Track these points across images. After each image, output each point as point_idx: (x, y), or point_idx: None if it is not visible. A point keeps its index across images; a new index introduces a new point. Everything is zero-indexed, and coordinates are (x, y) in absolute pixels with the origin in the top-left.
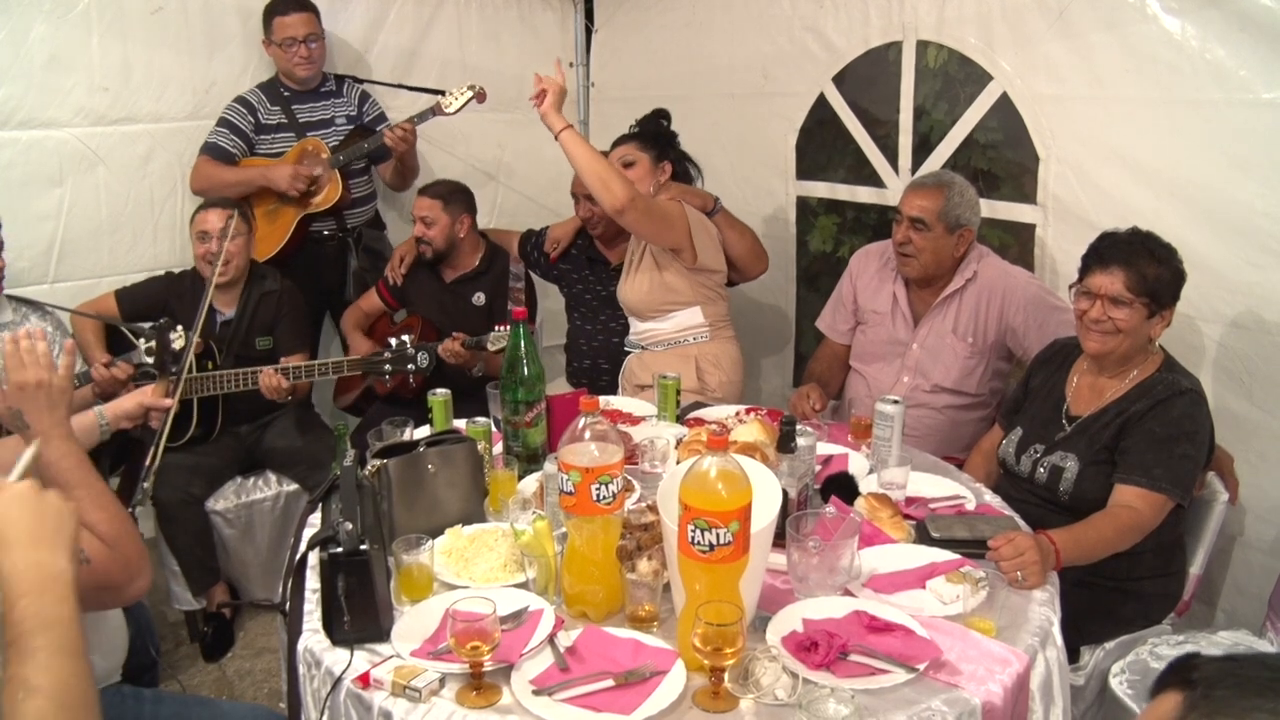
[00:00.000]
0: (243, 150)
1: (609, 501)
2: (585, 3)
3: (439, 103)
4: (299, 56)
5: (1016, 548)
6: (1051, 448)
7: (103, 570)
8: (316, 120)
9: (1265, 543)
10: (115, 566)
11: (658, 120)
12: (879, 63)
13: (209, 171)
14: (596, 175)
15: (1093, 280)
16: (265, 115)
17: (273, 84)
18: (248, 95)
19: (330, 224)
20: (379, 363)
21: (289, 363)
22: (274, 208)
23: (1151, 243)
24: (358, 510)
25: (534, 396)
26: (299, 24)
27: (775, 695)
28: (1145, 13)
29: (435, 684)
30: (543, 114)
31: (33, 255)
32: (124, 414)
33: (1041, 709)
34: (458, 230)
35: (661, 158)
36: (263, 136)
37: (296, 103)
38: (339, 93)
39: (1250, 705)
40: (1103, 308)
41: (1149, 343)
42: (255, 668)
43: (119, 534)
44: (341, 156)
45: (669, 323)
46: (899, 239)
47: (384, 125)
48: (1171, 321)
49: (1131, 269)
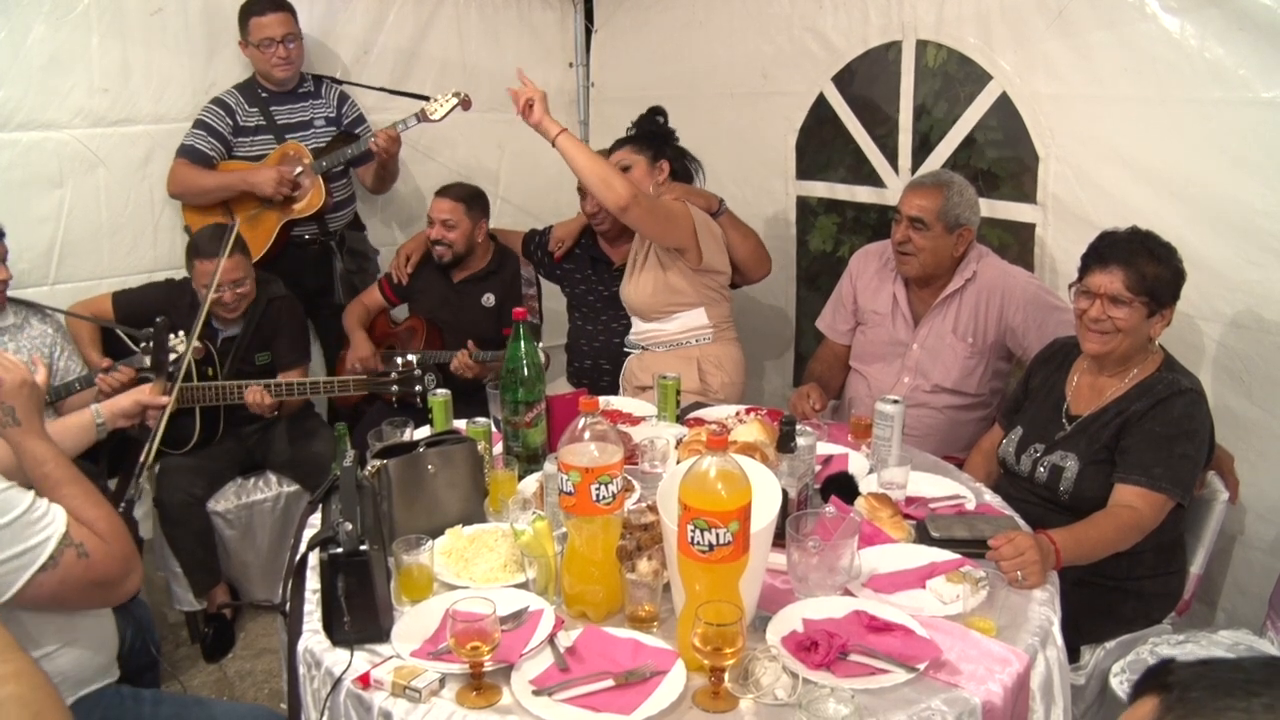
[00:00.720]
0: (220, 153)
1: (609, 502)
2: (585, 3)
3: (424, 109)
4: (277, 57)
5: (1016, 547)
6: (1051, 447)
7: (101, 565)
8: (295, 122)
9: (1265, 542)
10: (113, 562)
11: (653, 119)
12: (878, 62)
13: (186, 175)
14: (597, 175)
15: (1092, 280)
16: (243, 117)
17: (250, 85)
18: (224, 96)
19: (312, 228)
20: (384, 384)
21: (287, 377)
22: (255, 213)
23: (1151, 242)
24: (358, 511)
25: (534, 397)
26: (276, 24)
27: (775, 695)
28: (1144, 12)
29: (435, 684)
30: (535, 123)
31: (32, 257)
32: (121, 412)
33: (1042, 709)
34: (476, 235)
35: (658, 157)
36: (240, 139)
37: (275, 104)
38: (317, 94)
39: (1224, 705)
40: (1102, 307)
41: (1149, 342)
42: (256, 668)
43: (114, 530)
44: (324, 162)
45: (673, 324)
46: (898, 238)
47: (367, 133)
48: (1171, 320)
49: (1131, 268)
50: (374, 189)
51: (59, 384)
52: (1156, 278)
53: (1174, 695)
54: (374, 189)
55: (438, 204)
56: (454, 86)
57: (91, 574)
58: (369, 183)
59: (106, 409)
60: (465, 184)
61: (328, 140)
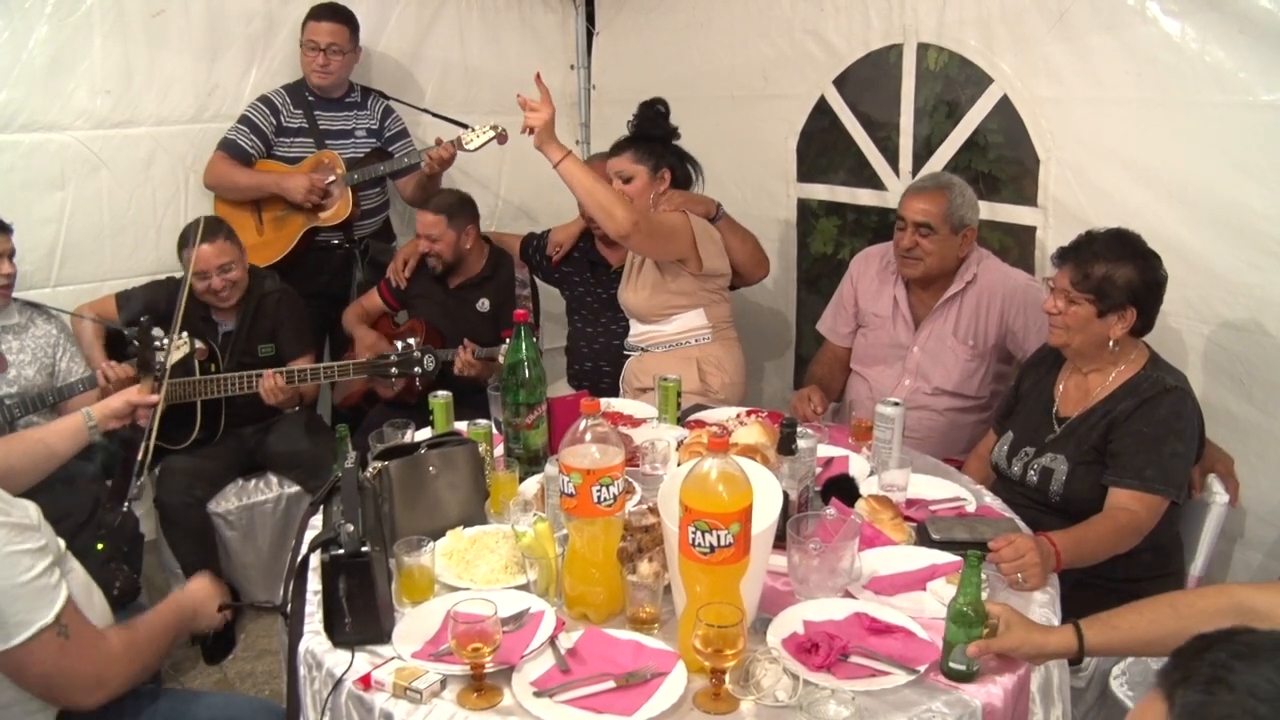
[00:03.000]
0: (260, 151)
1: (610, 503)
2: (586, 5)
3: (460, 138)
4: (316, 64)
5: (1017, 549)
6: (1041, 450)
7: (75, 657)
8: (337, 129)
9: (1265, 544)
10: (87, 662)
11: (655, 115)
12: (879, 65)
13: (224, 170)
14: (598, 203)
15: (1055, 275)
16: (287, 118)
17: (299, 87)
18: (272, 95)
19: (338, 234)
20: (384, 365)
21: (293, 366)
22: (282, 215)
23: (1117, 244)
24: (359, 512)
25: (535, 398)
26: (325, 32)
27: (776, 697)
28: (1145, 15)
29: (436, 685)
30: (538, 146)
31: (35, 258)
32: (112, 413)
33: (1042, 711)
34: (464, 243)
35: (660, 165)
36: (282, 139)
37: (319, 109)
38: (363, 105)
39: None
40: (1054, 301)
41: (1108, 342)
42: (256, 669)
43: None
44: (356, 175)
45: (672, 325)
46: (905, 245)
47: (403, 144)
48: (1138, 325)
49: (1078, 267)
50: (413, 200)
51: (61, 385)
52: (1105, 278)
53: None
54: (413, 200)
55: (420, 218)
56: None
57: (64, 659)
58: (408, 193)
59: (98, 410)
60: (448, 193)
61: (366, 151)
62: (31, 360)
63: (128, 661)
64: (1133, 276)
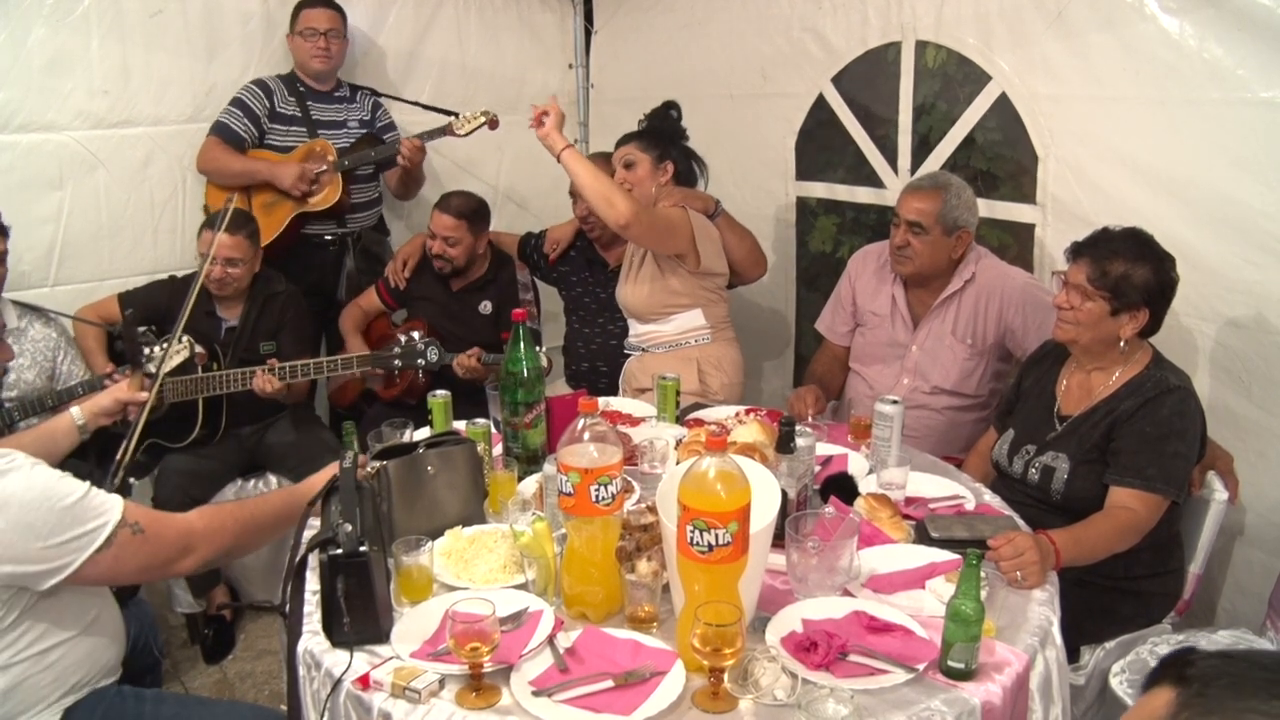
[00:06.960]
0: (253, 136)
1: (608, 502)
2: (584, 4)
3: (451, 124)
4: (317, 48)
5: (1016, 548)
6: (1043, 448)
7: (155, 541)
8: (329, 120)
9: (1266, 541)
10: (165, 543)
11: (667, 114)
12: (878, 63)
13: (216, 154)
14: (599, 193)
15: (1069, 269)
16: (281, 103)
17: (291, 77)
18: (266, 79)
19: (331, 227)
20: (388, 359)
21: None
22: (272, 201)
23: (1135, 243)
24: (357, 512)
25: (533, 398)
26: (323, 18)
27: (774, 696)
28: (1144, 12)
29: (435, 685)
30: (544, 136)
31: (33, 259)
32: (101, 411)
33: (1041, 709)
34: (478, 248)
35: (663, 158)
36: (275, 126)
37: (311, 99)
38: (353, 99)
39: (1245, 706)
40: (1067, 296)
41: (1118, 341)
42: (256, 669)
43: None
44: (346, 161)
45: (670, 325)
46: (897, 242)
47: (392, 137)
48: (1147, 326)
49: (1095, 263)
50: (398, 194)
51: (61, 388)
52: (1123, 277)
53: (1193, 689)
54: (398, 194)
55: (439, 219)
56: (468, 109)
57: (147, 548)
58: (394, 188)
59: (86, 409)
60: (467, 196)
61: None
62: (31, 364)
63: (212, 533)
64: (1149, 278)
